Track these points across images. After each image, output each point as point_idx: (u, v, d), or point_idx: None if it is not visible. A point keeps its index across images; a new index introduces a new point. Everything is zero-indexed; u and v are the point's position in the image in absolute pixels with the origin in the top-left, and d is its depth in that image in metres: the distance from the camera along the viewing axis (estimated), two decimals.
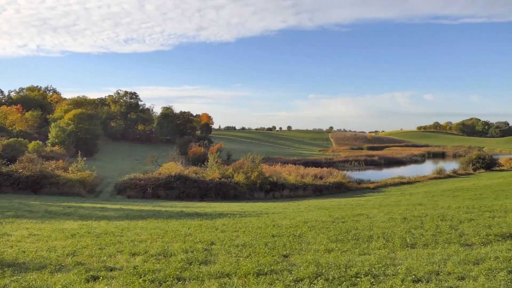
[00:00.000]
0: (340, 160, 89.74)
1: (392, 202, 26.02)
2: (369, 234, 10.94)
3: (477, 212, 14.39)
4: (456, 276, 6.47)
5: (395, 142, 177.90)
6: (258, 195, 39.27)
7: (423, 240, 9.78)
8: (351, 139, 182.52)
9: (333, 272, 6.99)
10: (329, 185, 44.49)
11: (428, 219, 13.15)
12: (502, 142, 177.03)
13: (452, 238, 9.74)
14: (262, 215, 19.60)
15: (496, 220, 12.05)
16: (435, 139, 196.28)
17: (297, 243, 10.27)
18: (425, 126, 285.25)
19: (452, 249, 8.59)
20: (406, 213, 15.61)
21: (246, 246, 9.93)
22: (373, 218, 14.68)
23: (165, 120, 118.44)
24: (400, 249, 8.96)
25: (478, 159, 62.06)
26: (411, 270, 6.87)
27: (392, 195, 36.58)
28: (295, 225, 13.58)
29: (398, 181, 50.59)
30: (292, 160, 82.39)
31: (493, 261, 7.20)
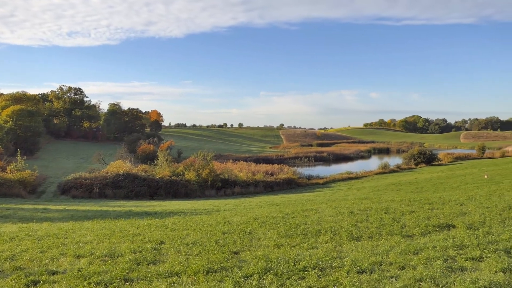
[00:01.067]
0: (290, 157, 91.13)
1: (340, 197, 26.82)
2: (317, 228, 11.22)
3: (418, 204, 15.16)
4: (397, 266, 6.78)
5: (343, 138, 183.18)
6: (209, 192, 39.06)
7: (368, 232, 10.17)
8: (301, 136, 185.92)
9: (282, 267, 7.10)
10: (280, 182, 45.09)
11: (373, 213, 13.69)
12: (441, 138, 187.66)
13: (395, 230, 10.20)
14: (213, 212, 19.54)
15: (434, 212, 12.77)
16: (380, 136, 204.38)
17: (248, 239, 10.34)
18: (371, 123, 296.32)
19: (394, 241, 9.00)
20: (353, 207, 16.16)
21: (196, 244, 9.86)
22: (322, 212, 15.07)
23: (112, 117, 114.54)
24: (347, 242, 9.27)
25: (419, 154, 65.35)
26: (356, 262, 7.12)
27: (340, 190, 37.71)
28: (246, 222, 13.65)
29: (346, 177, 52.17)
30: (243, 157, 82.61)
31: (431, 250, 7.62)
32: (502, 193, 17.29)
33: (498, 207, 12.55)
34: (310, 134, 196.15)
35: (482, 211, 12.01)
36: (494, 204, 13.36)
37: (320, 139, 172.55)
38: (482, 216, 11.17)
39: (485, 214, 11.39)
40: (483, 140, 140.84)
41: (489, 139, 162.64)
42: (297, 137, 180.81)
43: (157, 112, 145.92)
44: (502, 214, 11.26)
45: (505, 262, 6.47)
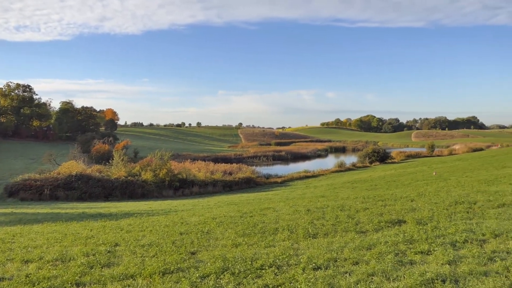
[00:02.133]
0: (249, 156, 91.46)
1: (297, 195, 27.20)
2: (275, 226, 11.32)
3: (372, 201, 15.65)
4: (351, 262, 6.97)
5: (301, 137, 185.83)
6: (167, 192, 38.44)
7: (324, 230, 10.38)
8: (260, 135, 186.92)
9: (239, 266, 7.11)
10: (239, 181, 45.11)
11: (329, 210, 13.99)
12: (394, 137, 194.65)
13: (349, 226, 10.48)
14: (171, 213, 19.26)
15: (387, 208, 13.22)
16: (336, 135, 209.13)
17: (205, 239, 10.27)
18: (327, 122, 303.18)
19: (349, 237, 9.24)
20: (310, 205, 16.45)
21: (152, 246, 9.68)
22: (280, 211, 15.22)
23: (64, 116, 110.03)
24: (303, 240, 9.41)
25: (373, 152, 67.49)
26: (312, 259, 7.25)
27: (298, 188, 38.23)
28: (204, 222, 13.56)
29: (303, 175, 52.97)
30: (202, 156, 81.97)
31: (383, 245, 7.90)
32: (449, 189, 18.16)
33: (445, 203, 13.17)
34: (269, 133, 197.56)
35: (430, 207, 12.57)
36: (441, 200, 14.01)
37: (278, 138, 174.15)
38: (431, 211, 11.69)
39: (434, 210, 11.93)
40: (432, 139, 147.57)
41: (438, 138, 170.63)
42: (256, 136, 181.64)
43: (112, 110, 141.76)
44: (449, 209, 11.84)
45: (451, 254, 6.82)
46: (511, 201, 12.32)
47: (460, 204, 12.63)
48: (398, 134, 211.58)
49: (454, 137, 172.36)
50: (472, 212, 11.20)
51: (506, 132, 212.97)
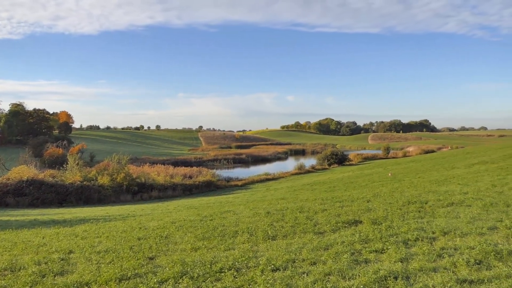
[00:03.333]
0: (209, 159, 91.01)
1: (258, 198, 27.31)
2: (235, 229, 11.33)
3: (330, 203, 15.98)
4: (309, 262, 7.11)
5: (261, 140, 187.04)
6: (125, 197, 37.49)
7: (283, 231, 10.50)
8: (220, 138, 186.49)
9: (198, 270, 7.08)
10: (199, 184, 44.74)
11: (289, 212, 14.16)
12: (351, 139, 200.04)
13: (308, 227, 10.66)
14: (129, 218, 18.81)
15: (344, 209, 13.55)
16: (296, 137, 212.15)
17: (164, 244, 10.12)
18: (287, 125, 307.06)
19: (307, 238, 9.40)
20: (270, 207, 16.57)
21: (109, 252, 9.43)
22: (240, 214, 15.25)
23: (14, 119, 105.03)
24: (263, 242, 9.48)
25: (332, 155, 68.97)
26: (271, 260, 7.33)
27: (258, 191, 38.40)
28: (163, 226, 13.36)
29: (264, 178, 53.28)
30: (161, 160, 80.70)
31: (340, 245, 8.10)
32: (403, 190, 18.86)
33: (399, 203, 13.67)
34: (229, 136, 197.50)
35: (385, 207, 13.01)
36: (395, 200, 14.53)
37: (239, 141, 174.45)
38: (385, 211, 12.10)
39: (388, 210, 12.35)
40: (388, 141, 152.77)
41: (393, 140, 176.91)
42: (216, 140, 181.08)
43: (66, 113, 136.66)
44: (402, 209, 12.30)
45: (403, 252, 7.11)
46: (459, 200, 12.96)
47: (412, 204, 13.15)
48: (355, 137, 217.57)
49: (408, 140, 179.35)
50: (424, 211, 11.70)
51: (455, 135, 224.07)
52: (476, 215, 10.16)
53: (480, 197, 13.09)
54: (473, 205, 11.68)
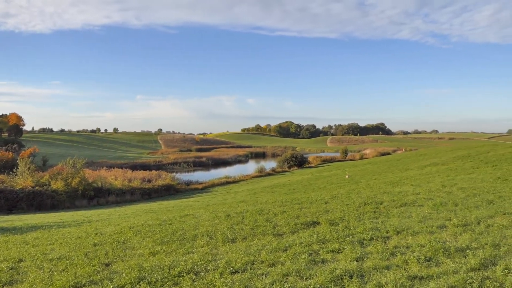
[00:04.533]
0: (169, 163, 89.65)
1: (218, 201, 27.20)
2: (194, 233, 11.25)
3: (289, 205, 16.19)
4: (268, 264, 7.18)
5: (222, 143, 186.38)
6: (80, 203, 36.22)
7: (243, 234, 10.53)
8: (180, 141, 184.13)
9: (156, 275, 6.97)
10: (158, 188, 43.97)
11: (248, 215, 14.22)
12: (311, 142, 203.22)
13: (267, 229, 10.75)
14: (84, 224, 18.20)
15: (303, 211, 13.78)
16: (257, 140, 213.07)
17: (121, 249, 9.89)
18: (248, 128, 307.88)
19: (266, 240, 9.49)
20: (230, 210, 16.58)
21: (62, 259, 9.10)
22: (200, 217, 15.15)
23: None
24: (222, 245, 9.47)
25: (292, 157, 69.79)
26: (230, 263, 7.34)
27: (219, 194, 38.24)
28: (120, 231, 13.05)
29: (224, 181, 53.12)
30: (118, 163, 78.55)
31: (298, 246, 8.23)
32: (359, 191, 19.41)
33: (355, 204, 14.07)
34: (189, 139, 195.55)
35: (342, 208, 13.35)
36: (352, 201, 14.94)
37: (199, 144, 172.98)
38: (342, 212, 12.41)
39: (345, 211, 12.68)
40: (346, 144, 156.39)
41: (351, 143, 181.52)
42: (176, 142, 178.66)
43: (17, 115, 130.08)
44: (358, 210, 12.66)
45: (358, 252, 7.33)
46: (412, 200, 13.51)
47: (368, 204, 13.57)
48: (314, 140, 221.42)
49: (365, 142, 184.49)
50: (379, 211, 12.10)
51: (410, 138, 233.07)
52: (427, 214, 10.62)
53: (431, 197, 13.70)
54: (424, 205, 12.21)
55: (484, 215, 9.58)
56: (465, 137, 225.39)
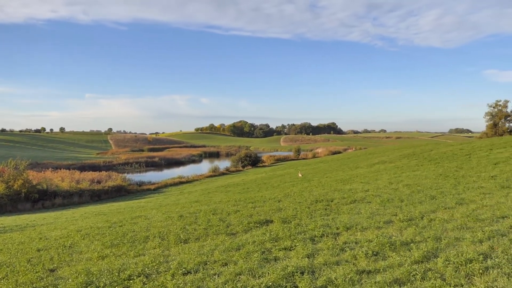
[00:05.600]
0: (120, 163, 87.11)
1: (171, 202, 26.77)
2: (146, 235, 11.00)
3: (243, 204, 16.22)
4: (221, 263, 7.15)
5: (175, 143, 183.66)
6: (23, 206, 34.34)
7: (196, 234, 10.43)
8: (132, 141, 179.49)
9: (105, 279, 6.74)
10: (108, 189, 42.59)
11: (202, 214, 14.10)
12: (264, 141, 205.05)
13: (221, 229, 10.71)
14: (27, 228, 17.31)
15: (256, 210, 13.85)
16: (211, 140, 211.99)
17: (68, 254, 9.49)
18: (202, 127, 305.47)
19: (219, 239, 9.45)
20: (183, 211, 16.36)
21: (2, 266, 8.60)
22: (152, 218, 14.83)
23: None
24: (175, 246, 9.33)
25: (246, 157, 70.05)
26: (182, 264, 7.24)
27: (172, 194, 37.64)
28: (67, 235, 12.52)
29: (178, 181, 52.36)
30: (66, 164, 75.34)
31: (251, 245, 8.27)
32: (311, 189, 19.80)
33: (307, 202, 14.34)
34: (141, 139, 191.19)
35: (295, 206, 13.55)
36: (304, 199, 15.21)
37: (151, 144, 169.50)
38: (295, 210, 12.60)
39: (297, 209, 12.88)
40: (299, 143, 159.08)
41: (304, 142, 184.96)
42: (127, 142, 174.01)
43: None
44: (310, 207, 12.91)
45: (310, 248, 7.47)
46: (361, 197, 13.96)
47: (320, 202, 13.87)
48: (268, 139, 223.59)
49: (317, 141, 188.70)
50: (330, 209, 12.40)
51: (359, 137, 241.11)
52: (375, 210, 11.02)
53: (379, 194, 14.22)
54: (372, 202, 12.65)
55: (427, 210, 10.08)
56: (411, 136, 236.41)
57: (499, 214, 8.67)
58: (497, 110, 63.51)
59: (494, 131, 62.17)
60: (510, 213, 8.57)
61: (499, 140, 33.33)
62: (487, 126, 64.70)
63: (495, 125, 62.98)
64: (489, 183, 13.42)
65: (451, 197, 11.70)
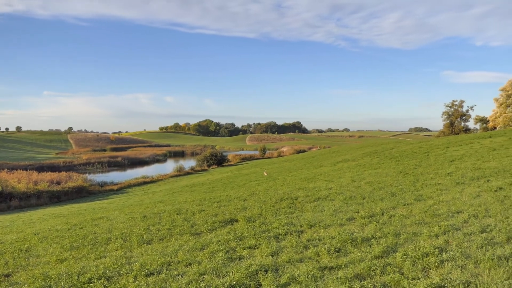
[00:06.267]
0: (81, 163, 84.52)
1: (135, 202, 26.26)
2: (107, 236, 10.74)
3: (208, 203, 16.13)
4: (184, 264, 7.08)
5: (138, 142, 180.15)
6: None
7: (160, 235, 10.28)
8: (93, 141, 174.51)
9: (63, 283, 6.53)
10: (69, 190, 41.22)
11: (166, 215, 13.92)
12: (230, 140, 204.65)
13: (185, 229, 10.61)
14: None
15: (221, 209, 13.81)
16: (175, 139, 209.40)
17: (24, 258, 9.12)
18: (166, 126, 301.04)
19: (184, 240, 9.35)
20: (147, 211, 16.08)
21: None
22: (114, 220, 14.51)
23: None
24: (137, 247, 9.16)
25: (211, 156, 69.63)
26: (145, 265, 7.11)
27: (135, 195, 36.91)
28: (23, 239, 12.04)
29: (142, 181, 51.41)
30: (23, 165, 72.31)
31: (216, 244, 8.23)
32: (277, 188, 19.95)
33: (272, 200, 14.43)
34: (104, 138, 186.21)
35: (260, 205, 13.62)
36: (269, 198, 15.30)
37: (114, 144, 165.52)
38: (260, 209, 12.66)
39: (262, 207, 12.95)
40: (264, 142, 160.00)
41: (269, 141, 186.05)
42: (89, 142, 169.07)
43: None
44: (275, 206, 13.00)
45: (274, 246, 7.53)
46: (324, 195, 14.19)
47: (284, 200, 14.00)
48: (234, 138, 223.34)
49: (282, 140, 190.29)
50: (294, 207, 12.54)
51: (324, 136, 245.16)
52: (338, 208, 11.24)
53: (342, 192, 14.51)
54: (336, 199, 12.90)
55: (387, 207, 10.38)
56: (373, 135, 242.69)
57: (454, 209, 9.05)
58: (453, 110, 66.22)
59: (450, 129, 64.80)
60: (464, 208, 8.96)
61: (455, 138, 34.76)
62: (444, 125, 67.37)
63: (452, 124, 65.65)
64: (446, 180, 13.97)
65: (410, 194, 12.10)
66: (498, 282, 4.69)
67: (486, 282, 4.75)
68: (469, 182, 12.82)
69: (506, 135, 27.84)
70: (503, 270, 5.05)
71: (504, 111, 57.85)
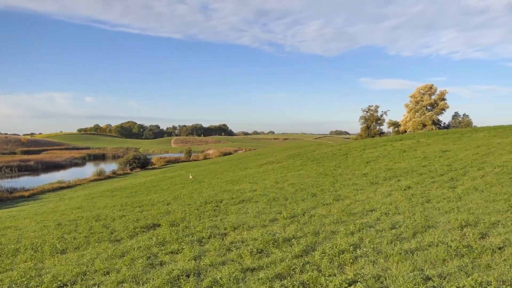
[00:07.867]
0: None
1: (49, 209, 24.51)
2: (15, 247, 9.92)
3: (130, 208, 15.55)
4: (102, 272, 6.74)
5: (54, 145, 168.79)
6: None
7: (75, 243, 9.70)
8: (1, 143, 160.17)
9: None
10: None
11: (83, 222, 13.18)
12: (154, 143, 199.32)
13: (104, 236, 10.11)
14: None
15: (144, 214, 13.39)
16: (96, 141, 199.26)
17: None
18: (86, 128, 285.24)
19: (102, 247, 8.91)
20: (62, 218, 15.11)
21: None
22: (24, 229, 13.45)
23: None
24: (50, 257, 8.56)
25: (134, 159, 67.24)
26: (57, 276, 6.65)
27: (50, 201, 34.48)
28: None
29: (57, 186, 48.17)
30: None
31: (136, 251, 7.95)
32: (202, 191, 19.80)
33: (197, 203, 14.29)
34: (13, 140, 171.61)
35: (184, 208, 13.41)
36: (194, 201, 15.14)
37: (26, 146, 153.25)
38: (184, 212, 12.47)
39: (186, 211, 12.76)
40: (190, 145, 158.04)
41: (195, 144, 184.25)
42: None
43: None
44: (199, 209, 12.89)
45: (197, 250, 7.45)
46: (249, 197, 14.36)
47: (209, 203, 13.93)
48: (158, 141, 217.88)
49: (208, 143, 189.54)
50: (218, 209, 12.52)
51: (249, 138, 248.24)
52: (261, 209, 11.43)
53: (266, 193, 14.79)
54: (260, 201, 13.11)
55: (308, 207, 10.77)
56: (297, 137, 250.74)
57: (368, 207, 9.64)
58: (369, 114, 70.63)
59: (367, 133, 69.04)
60: (377, 207, 9.58)
61: (371, 141, 37.12)
62: (361, 128, 71.63)
63: (368, 128, 69.98)
64: (361, 180, 14.85)
65: (330, 194, 12.68)
66: (404, 274, 5.07)
67: (394, 275, 5.11)
68: (382, 182, 13.75)
69: (415, 138, 30.29)
70: (409, 263, 5.48)
71: (413, 116, 63.08)
